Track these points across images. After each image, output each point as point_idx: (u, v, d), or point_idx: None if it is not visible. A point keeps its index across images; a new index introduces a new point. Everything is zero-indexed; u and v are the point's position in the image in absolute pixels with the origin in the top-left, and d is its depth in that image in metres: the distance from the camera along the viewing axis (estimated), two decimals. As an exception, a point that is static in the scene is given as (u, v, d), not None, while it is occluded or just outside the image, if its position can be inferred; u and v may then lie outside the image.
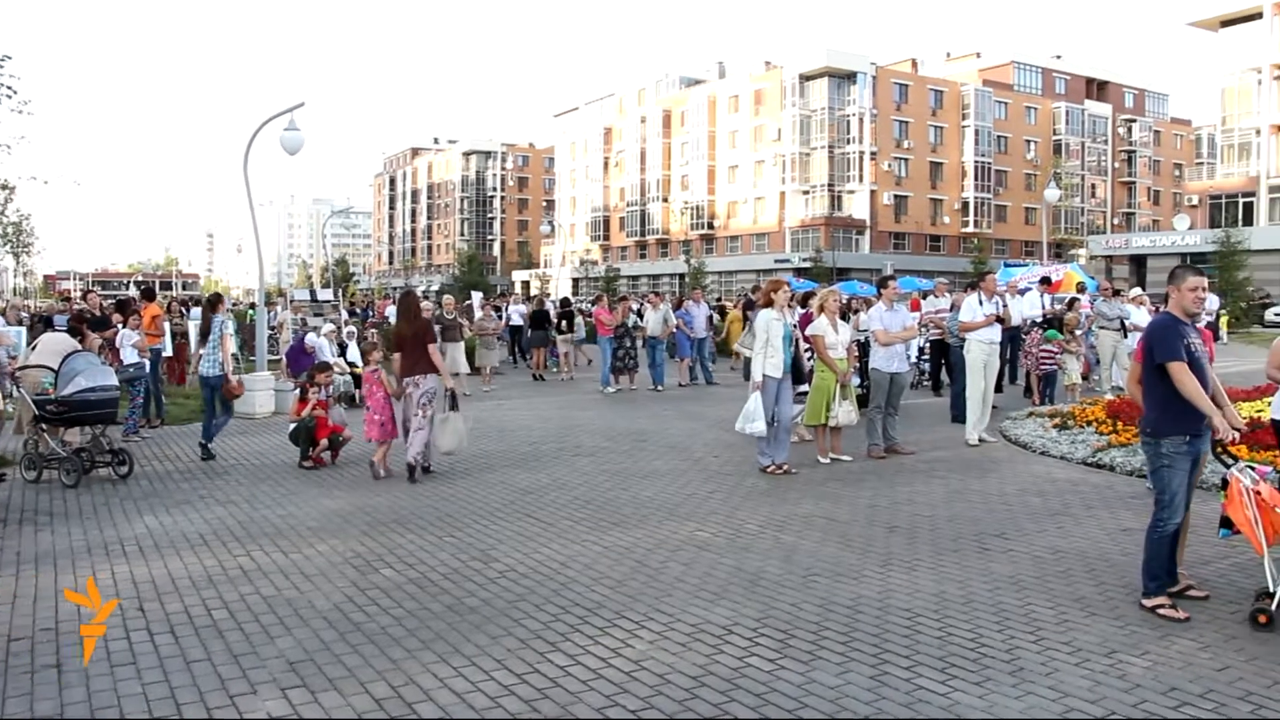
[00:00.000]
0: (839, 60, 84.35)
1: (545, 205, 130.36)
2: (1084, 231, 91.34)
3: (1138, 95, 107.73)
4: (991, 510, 9.27)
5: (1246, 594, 6.53)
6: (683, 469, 11.54)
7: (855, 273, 67.43)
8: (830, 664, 5.49)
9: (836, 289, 12.78)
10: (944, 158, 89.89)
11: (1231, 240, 46.98)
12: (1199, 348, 6.43)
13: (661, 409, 17.54)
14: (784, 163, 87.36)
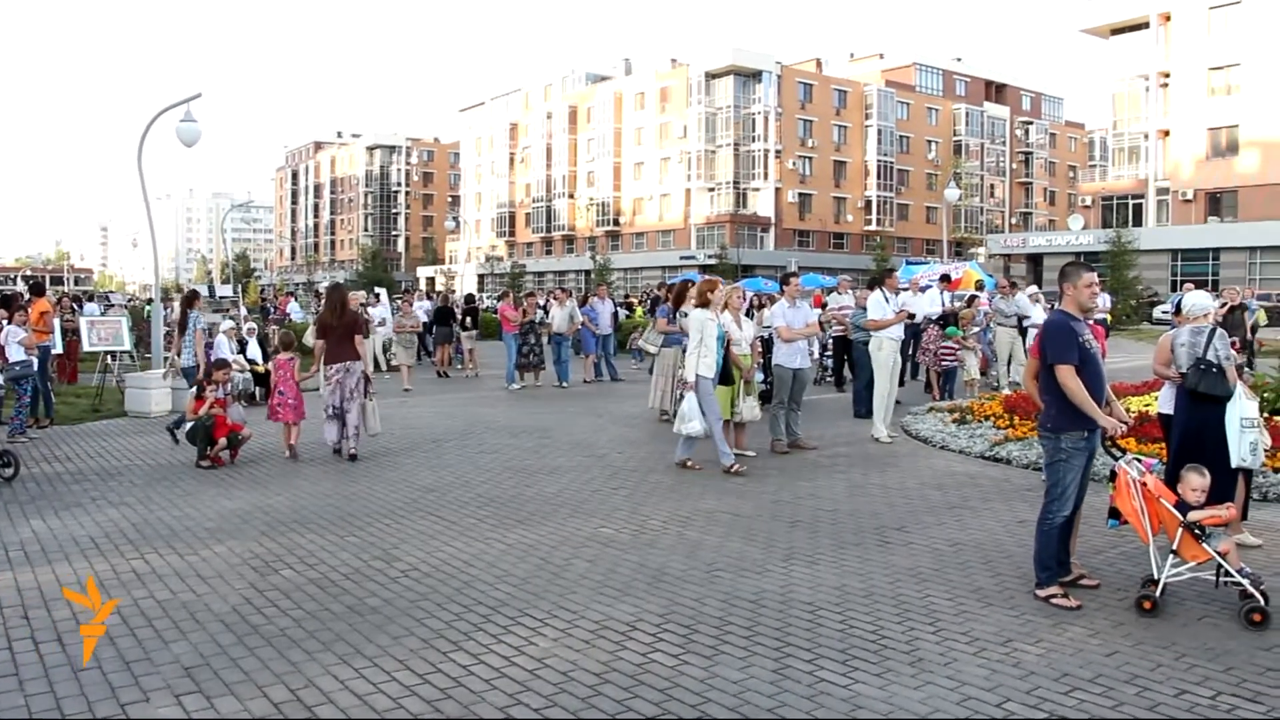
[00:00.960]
0: (745, 59, 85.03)
1: (451, 201, 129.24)
2: (983, 230, 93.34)
3: (1035, 98, 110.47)
4: (892, 504, 9.43)
5: (1134, 581, 6.74)
6: (587, 465, 11.53)
7: (760, 270, 68.06)
8: (733, 659, 5.53)
9: (739, 286, 12.86)
10: (848, 156, 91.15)
11: (1122, 240, 48.39)
12: (1092, 344, 6.61)
13: (566, 406, 17.50)
14: (690, 160, 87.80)
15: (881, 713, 4.85)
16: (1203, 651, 5.61)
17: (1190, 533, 6.17)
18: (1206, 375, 7.44)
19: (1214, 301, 8.21)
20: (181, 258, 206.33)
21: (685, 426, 10.80)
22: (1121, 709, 4.87)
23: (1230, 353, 7.60)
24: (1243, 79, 55.47)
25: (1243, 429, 7.33)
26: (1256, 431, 7.46)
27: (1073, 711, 4.85)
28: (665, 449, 12.61)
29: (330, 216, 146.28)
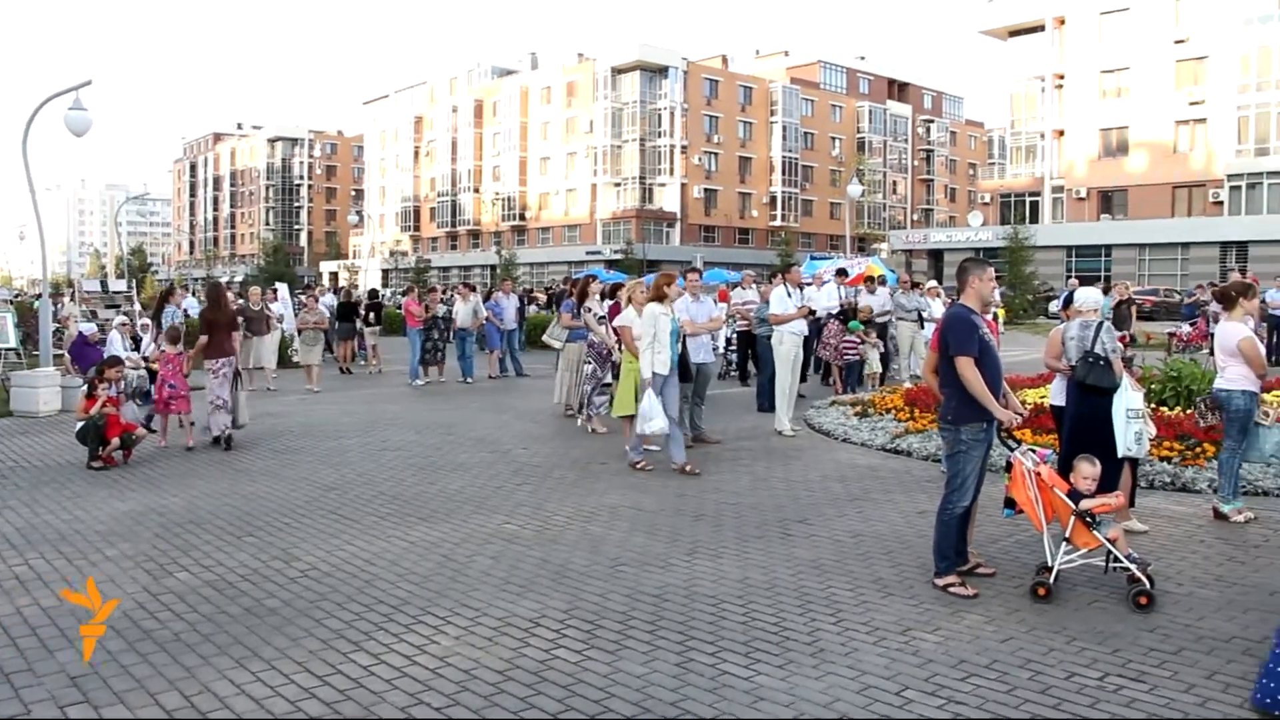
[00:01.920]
0: (651, 55, 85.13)
1: (354, 195, 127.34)
2: (885, 226, 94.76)
3: (936, 97, 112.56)
4: (795, 497, 9.53)
5: (1029, 569, 6.90)
6: (491, 461, 11.45)
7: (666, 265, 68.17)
8: (637, 653, 5.54)
9: (643, 281, 12.83)
10: (753, 153, 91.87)
11: (1020, 236, 49.53)
12: (990, 337, 6.75)
13: (471, 401, 17.37)
14: (596, 155, 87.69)
15: (784, 703, 4.90)
16: (1092, 635, 5.77)
17: (1082, 520, 6.35)
18: (1094, 368, 7.65)
19: (1101, 296, 8.43)
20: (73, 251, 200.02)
21: (646, 426, 10.47)
22: (1015, 693, 4.99)
23: (1117, 346, 7.83)
24: (1132, 82, 57.29)
25: (1128, 419, 7.56)
26: (1141, 422, 7.69)
27: (969, 697, 4.95)
28: (570, 444, 12.61)
29: (230, 210, 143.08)
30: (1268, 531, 8.13)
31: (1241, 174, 53.34)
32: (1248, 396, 8.43)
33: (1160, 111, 56.12)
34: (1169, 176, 56.40)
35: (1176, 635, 5.78)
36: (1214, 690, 5.04)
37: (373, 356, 23.81)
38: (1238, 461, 8.63)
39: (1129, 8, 56.84)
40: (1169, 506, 9.00)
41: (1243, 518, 8.43)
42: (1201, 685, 5.09)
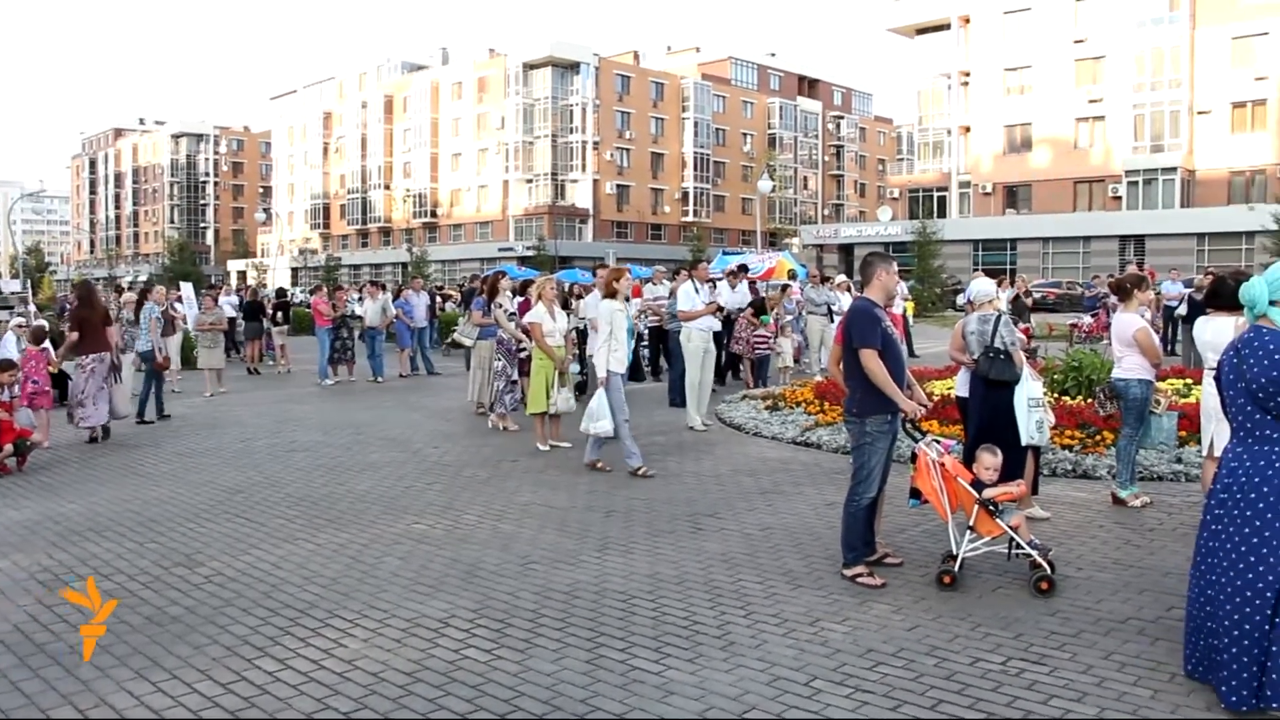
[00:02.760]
0: (563, 50, 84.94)
1: (262, 192, 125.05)
2: (797, 221, 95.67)
3: (845, 94, 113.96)
4: (705, 491, 9.56)
5: (935, 558, 7.01)
6: (401, 461, 11.33)
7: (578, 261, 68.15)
8: (547, 651, 5.52)
9: (553, 278, 12.80)
10: (665, 148, 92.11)
11: (927, 231, 50.37)
12: (893, 330, 6.84)
13: (381, 401, 17.16)
14: (508, 151, 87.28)
15: (693, 696, 4.91)
16: (996, 620, 5.89)
17: (985, 509, 6.46)
18: (995, 362, 7.81)
19: (998, 288, 8.60)
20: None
21: (593, 426, 10.15)
22: (921, 680, 5.07)
23: (1015, 338, 7.99)
24: (1034, 80, 58.73)
25: (1030, 409, 7.72)
26: (1042, 411, 7.86)
27: (876, 686, 5.01)
28: (481, 442, 12.52)
29: (133, 207, 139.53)
30: (1162, 515, 8.35)
31: (1138, 170, 54.97)
32: (1144, 385, 8.66)
33: (1061, 109, 57.62)
34: (1070, 172, 57.92)
35: (1076, 618, 5.92)
36: (1110, 670, 5.17)
37: (281, 356, 23.43)
38: (1134, 448, 8.87)
39: (1031, 8, 58.24)
40: (1070, 493, 9.22)
41: (1139, 502, 8.66)
42: (1099, 666, 5.22)
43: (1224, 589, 4.70)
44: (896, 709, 4.76)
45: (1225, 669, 4.62)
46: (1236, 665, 4.59)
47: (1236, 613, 4.63)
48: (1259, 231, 44.44)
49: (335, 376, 20.11)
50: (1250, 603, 4.61)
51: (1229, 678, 4.60)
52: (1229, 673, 4.60)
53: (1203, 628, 4.79)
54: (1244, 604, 4.62)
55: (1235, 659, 4.59)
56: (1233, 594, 4.66)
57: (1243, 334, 4.89)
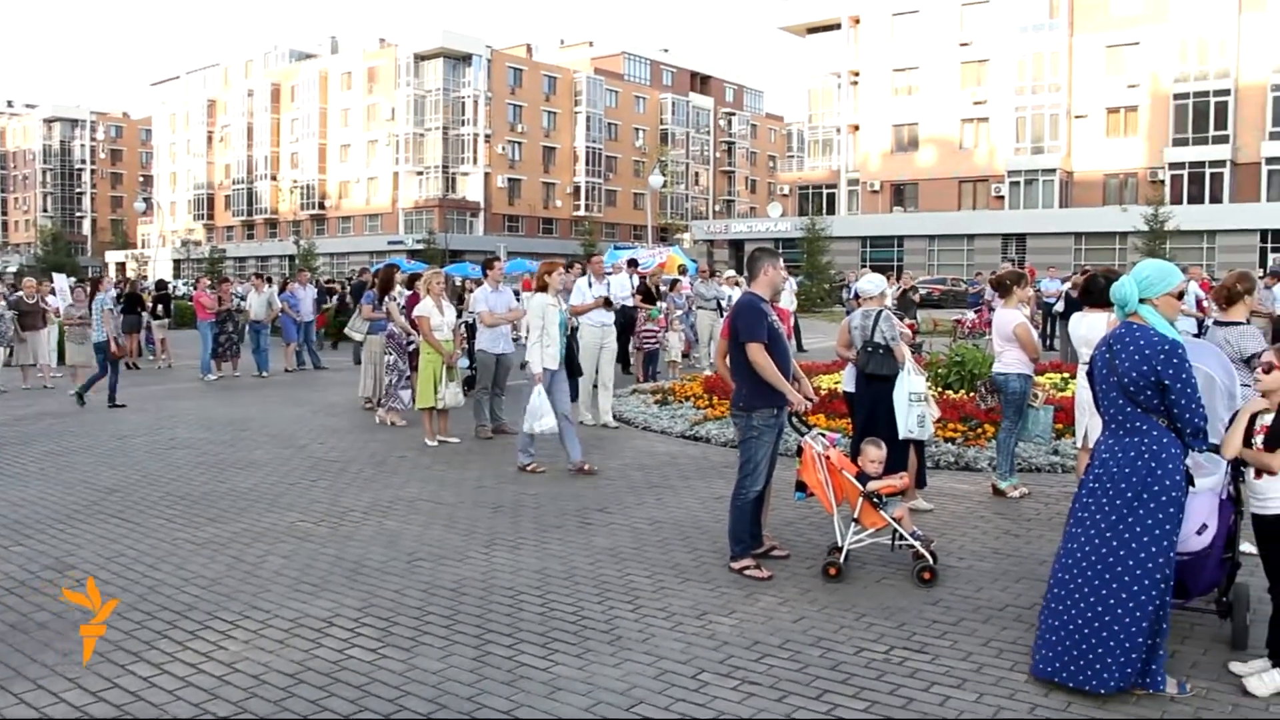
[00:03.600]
0: (454, 42, 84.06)
1: (142, 181, 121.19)
2: (688, 217, 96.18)
3: (737, 91, 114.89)
4: (594, 485, 9.56)
5: (821, 550, 7.11)
6: (286, 457, 11.08)
7: (469, 255, 67.55)
8: (433, 649, 5.45)
9: (441, 271, 12.65)
10: (557, 142, 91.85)
11: (817, 227, 51.08)
12: (778, 325, 6.91)
13: (266, 396, 16.79)
14: (398, 143, 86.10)
15: (581, 692, 4.90)
16: (880, 611, 5.99)
17: (869, 501, 6.57)
18: (874, 356, 7.96)
19: (884, 284, 8.75)
20: None
21: (536, 424, 9.72)
22: (807, 670, 5.13)
23: (897, 333, 8.14)
24: (921, 81, 59.99)
25: (910, 403, 7.88)
26: (924, 405, 8.03)
27: (763, 677, 5.06)
28: (368, 438, 12.33)
29: (1, 195, 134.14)
30: (1039, 505, 8.60)
31: (1020, 170, 56.56)
32: (1023, 379, 8.89)
33: (947, 110, 58.99)
34: (955, 171, 59.34)
35: (956, 607, 6.06)
36: (989, 656, 5.30)
37: (161, 351, 22.76)
38: (1014, 441, 9.11)
39: (919, 10, 59.48)
40: (953, 485, 9.43)
41: (1018, 493, 8.91)
42: (978, 652, 5.35)
43: (1090, 577, 4.85)
44: (782, 699, 4.81)
45: (1092, 653, 4.77)
46: (1103, 649, 4.73)
47: (1103, 600, 4.79)
48: (1131, 232, 46.11)
49: (218, 371, 19.62)
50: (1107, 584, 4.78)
51: (1094, 660, 4.75)
52: (1094, 656, 4.75)
53: (1062, 614, 4.93)
54: (1110, 590, 4.78)
55: (1103, 642, 4.74)
56: (1098, 582, 4.82)
57: (1115, 330, 5.05)
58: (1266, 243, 48.90)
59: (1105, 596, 4.78)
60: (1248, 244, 48.58)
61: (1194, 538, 5.15)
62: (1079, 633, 4.82)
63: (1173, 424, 4.81)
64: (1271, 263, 39.25)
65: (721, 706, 4.75)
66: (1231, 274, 7.79)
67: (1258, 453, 4.91)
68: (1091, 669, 4.76)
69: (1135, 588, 4.74)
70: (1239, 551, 5.51)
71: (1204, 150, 52.15)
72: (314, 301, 22.23)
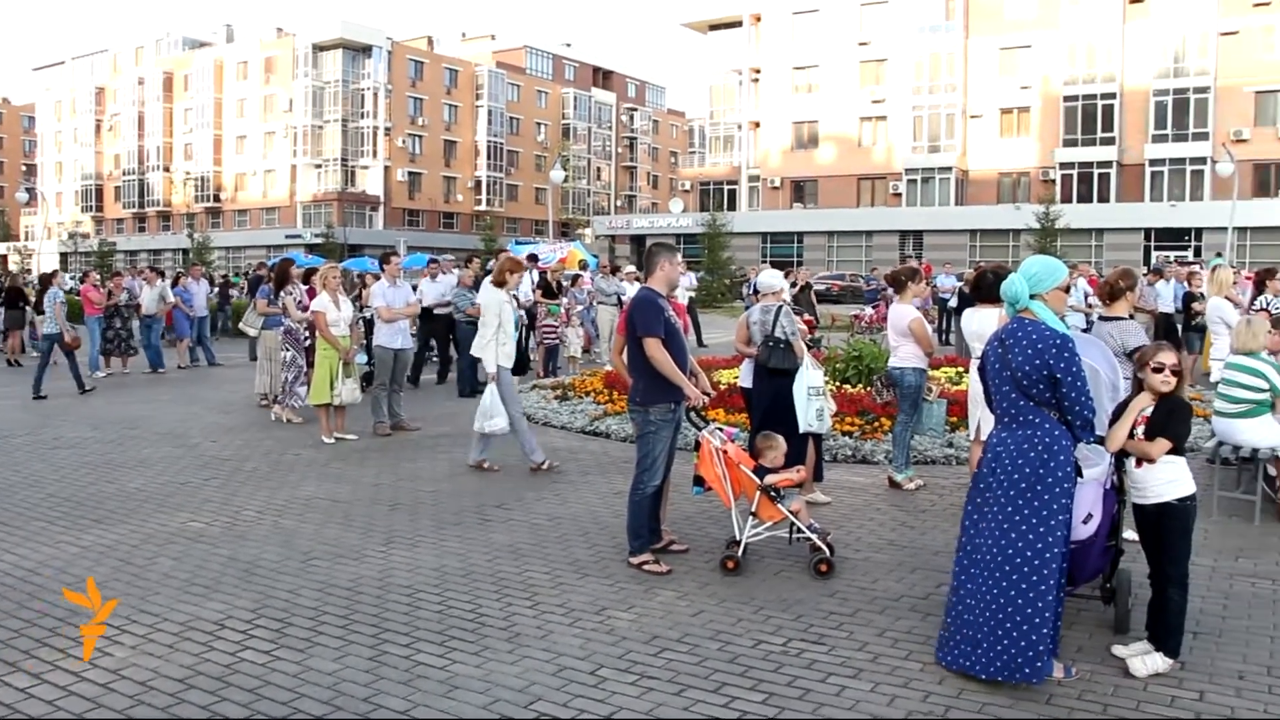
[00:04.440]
0: (354, 33, 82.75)
1: (25, 170, 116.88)
2: (590, 212, 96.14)
3: (639, 86, 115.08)
4: (494, 482, 9.50)
5: (719, 544, 7.13)
6: (177, 456, 10.79)
7: (369, 249, 66.70)
8: (328, 649, 5.37)
9: (338, 266, 12.43)
10: (458, 136, 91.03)
11: (717, 223, 51.42)
12: (675, 320, 6.92)
13: (158, 393, 16.34)
14: (295, 135, 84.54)
15: (478, 690, 4.86)
16: (778, 603, 6.05)
17: (767, 495, 6.63)
18: (775, 351, 8.03)
19: (783, 280, 8.84)
20: None
21: (487, 424, 9.51)
22: (705, 664, 5.16)
23: (796, 328, 8.23)
24: (821, 79, 60.78)
25: (809, 397, 7.97)
26: (822, 399, 8.14)
27: (661, 671, 5.08)
28: (263, 435, 12.08)
29: None
30: (934, 497, 8.77)
31: (917, 169, 57.67)
32: (918, 374, 9.04)
33: (846, 108, 59.87)
34: (854, 169, 60.25)
35: (853, 598, 6.15)
36: (884, 646, 5.40)
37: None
38: (909, 434, 9.27)
39: (819, 9, 60.24)
40: (850, 478, 9.55)
41: (914, 485, 9.06)
42: (873, 642, 5.44)
43: (993, 569, 4.96)
44: (681, 693, 4.83)
45: (986, 640, 4.88)
46: (1008, 639, 4.84)
47: (1004, 591, 4.90)
48: (1024, 229, 47.35)
49: (107, 368, 19.05)
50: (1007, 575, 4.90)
51: (1002, 651, 4.85)
52: (1001, 646, 4.85)
53: (966, 605, 5.03)
54: (1010, 580, 4.90)
55: (1007, 633, 4.85)
56: (999, 574, 4.93)
57: (1006, 325, 5.16)
58: (1150, 241, 50.62)
59: (1006, 588, 4.89)
60: (1133, 242, 50.22)
61: (1080, 527, 5.29)
62: (984, 623, 4.92)
63: (1063, 416, 4.94)
64: (1155, 260, 40.56)
65: (620, 702, 4.75)
66: (1114, 271, 8.04)
67: (1138, 442, 5.08)
68: (1001, 659, 4.85)
69: (1034, 577, 4.86)
70: (1122, 539, 5.68)
71: (1092, 151, 53.78)
72: (207, 296, 21.71)
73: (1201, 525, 7.42)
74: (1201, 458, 8.91)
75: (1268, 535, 7.65)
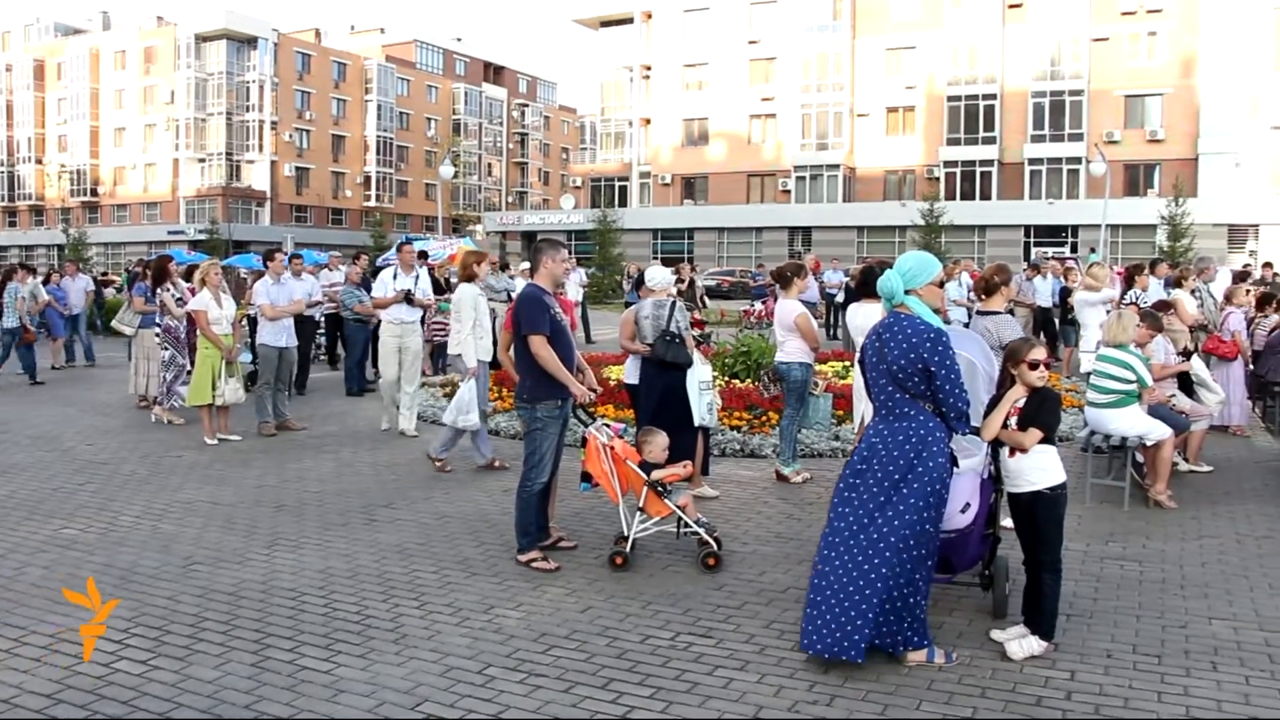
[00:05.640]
0: (238, 23, 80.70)
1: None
2: (481, 208, 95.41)
3: (531, 82, 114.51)
4: (381, 482, 9.37)
5: (608, 540, 7.15)
6: (49, 461, 10.39)
7: (255, 245, 65.24)
8: (209, 656, 5.25)
9: (219, 263, 12.13)
10: (347, 131, 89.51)
11: (608, 219, 51.46)
12: (561, 317, 6.92)
13: (29, 394, 15.74)
14: (178, 128, 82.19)
15: (364, 693, 4.81)
16: (666, 598, 6.08)
17: (654, 490, 6.66)
18: (671, 345, 8.07)
19: (671, 276, 8.88)
20: None
21: (462, 419, 9.28)
22: (593, 660, 5.18)
23: (688, 323, 8.29)
24: (711, 76, 61.26)
25: (701, 391, 8.04)
26: (712, 393, 8.22)
27: (550, 669, 5.08)
28: (142, 438, 11.72)
29: None
30: (821, 490, 8.88)
31: (806, 166, 58.50)
32: (804, 368, 9.17)
33: (736, 105, 60.47)
34: (744, 166, 60.88)
35: (740, 591, 6.22)
36: (770, 638, 5.48)
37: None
38: (796, 427, 9.40)
39: (709, 7, 60.72)
40: (739, 472, 9.65)
41: (800, 478, 9.19)
42: (760, 634, 5.52)
43: (855, 554, 5.07)
44: (569, 690, 4.84)
45: (851, 624, 4.98)
46: (861, 620, 4.95)
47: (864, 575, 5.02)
48: (910, 226, 48.37)
49: (-25, 369, 18.30)
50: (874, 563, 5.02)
51: (851, 632, 4.96)
52: (853, 628, 4.97)
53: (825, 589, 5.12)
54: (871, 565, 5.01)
55: (861, 614, 4.97)
56: (861, 558, 5.04)
57: (883, 320, 5.27)
58: (1030, 237, 52.07)
59: (867, 571, 5.00)
60: (1013, 238, 51.65)
61: (958, 516, 5.43)
62: (839, 607, 5.02)
63: (938, 409, 5.06)
64: (1034, 256, 41.78)
65: (508, 700, 4.74)
66: (990, 267, 8.27)
67: (1012, 433, 5.23)
68: (850, 639, 4.95)
69: (894, 562, 4.99)
70: (999, 527, 5.85)
71: (974, 150, 55.21)
72: (84, 294, 21.01)
73: (1075, 511, 7.71)
74: (1075, 447, 9.22)
75: (1136, 519, 7.96)
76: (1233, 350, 11.74)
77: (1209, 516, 8.08)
